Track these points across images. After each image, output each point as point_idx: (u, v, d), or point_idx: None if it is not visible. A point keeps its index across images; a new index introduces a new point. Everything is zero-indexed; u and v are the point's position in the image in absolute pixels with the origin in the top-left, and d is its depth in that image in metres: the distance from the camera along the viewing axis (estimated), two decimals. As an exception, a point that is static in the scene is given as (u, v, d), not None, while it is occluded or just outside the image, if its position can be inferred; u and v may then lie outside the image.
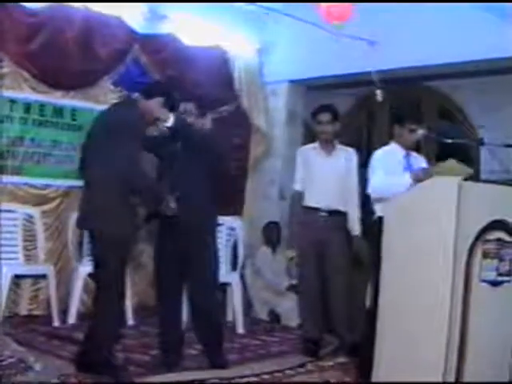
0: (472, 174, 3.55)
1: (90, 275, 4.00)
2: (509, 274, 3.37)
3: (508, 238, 3.34)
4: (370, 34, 5.57)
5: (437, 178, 3.47)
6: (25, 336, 4.55)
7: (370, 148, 5.86)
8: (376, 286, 3.60)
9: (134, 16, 5.62)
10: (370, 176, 4.02)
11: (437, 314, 3.21)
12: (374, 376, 3.49)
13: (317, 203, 4.71)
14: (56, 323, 4.98)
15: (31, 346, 4.27)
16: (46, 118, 5.29)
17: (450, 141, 3.98)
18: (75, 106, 5.43)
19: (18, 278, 5.06)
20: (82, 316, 4.94)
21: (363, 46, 5.66)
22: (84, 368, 3.70)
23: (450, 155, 3.62)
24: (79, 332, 4.25)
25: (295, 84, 6.72)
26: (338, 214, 4.72)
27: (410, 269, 3.36)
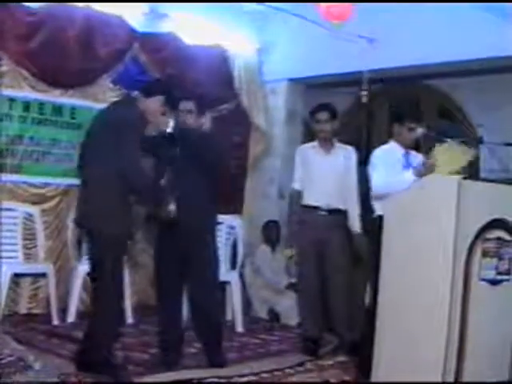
0: (474, 159, 3.57)
1: (89, 274, 4.00)
2: (508, 272, 3.38)
3: (507, 236, 3.34)
4: (369, 32, 5.56)
5: (437, 177, 3.48)
6: (24, 334, 4.55)
7: (369, 146, 5.84)
8: (375, 285, 3.61)
9: (135, 15, 5.62)
10: (370, 174, 4.02)
11: (436, 313, 3.21)
12: (373, 375, 3.49)
13: (316, 202, 4.71)
14: (55, 322, 4.98)
15: (31, 345, 4.27)
16: (46, 117, 5.29)
17: (449, 139, 3.98)
18: (74, 104, 5.43)
19: (17, 276, 5.06)
20: (82, 314, 4.93)
21: (363, 44, 5.65)
22: (84, 367, 3.70)
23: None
24: (79, 331, 4.26)
25: (295, 83, 6.72)
26: (338, 212, 4.71)
27: (410, 267, 3.37)
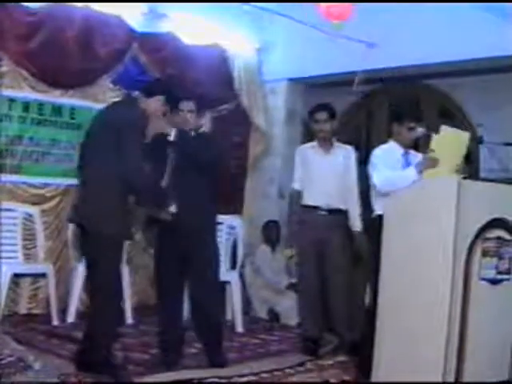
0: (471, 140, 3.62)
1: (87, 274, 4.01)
2: (508, 272, 3.38)
3: (507, 236, 3.34)
4: (369, 32, 5.56)
5: (437, 177, 3.49)
6: (24, 335, 4.55)
7: (368, 146, 5.84)
8: (375, 285, 3.61)
9: (134, 15, 5.61)
10: (370, 173, 4.01)
11: (436, 312, 3.21)
12: (373, 375, 3.49)
13: (316, 202, 4.71)
14: (55, 322, 4.97)
15: (31, 345, 4.26)
16: (45, 117, 5.28)
17: (442, 126, 3.95)
18: (74, 104, 5.42)
19: (17, 276, 5.05)
20: (82, 315, 4.93)
21: (363, 44, 5.66)
22: (83, 367, 3.70)
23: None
24: (78, 331, 4.24)
25: (294, 82, 6.72)
26: (338, 212, 4.71)
27: (410, 267, 3.37)
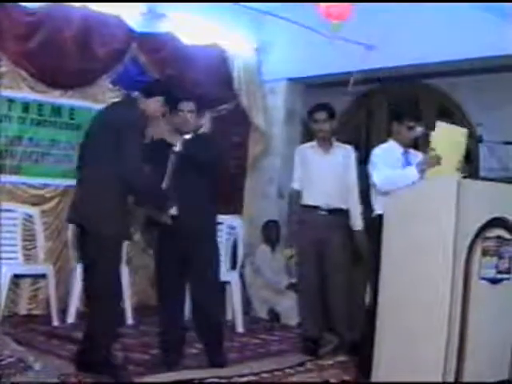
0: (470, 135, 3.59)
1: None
2: (508, 271, 3.38)
3: (507, 235, 3.34)
4: (368, 32, 5.56)
5: (437, 176, 3.49)
6: (24, 335, 4.55)
7: (368, 146, 5.84)
8: (376, 284, 3.61)
9: (133, 15, 5.61)
10: (371, 173, 4.00)
11: (436, 312, 3.21)
12: (373, 374, 3.49)
13: (316, 201, 4.70)
14: (55, 323, 4.97)
15: (31, 346, 4.26)
16: (45, 118, 5.28)
17: (438, 122, 3.95)
18: (73, 105, 5.42)
19: (17, 277, 5.05)
20: (82, 315, 4.92)
21: (362, 44, 5.66)
22: (83, 367, 3.69)
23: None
24: (79, 331, 4.24)
25: (294, 82, 6.71)
26: (338, 211, 4.70)
27: (410, 267, 3.37)
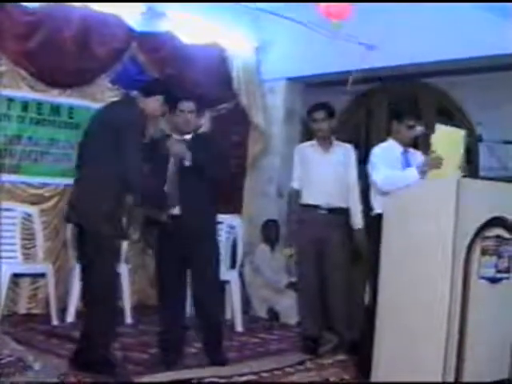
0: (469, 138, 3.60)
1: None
2: (507, 270, 3.38)
3: (507, 234, 3.33)
4: (368, 31, 5.55)
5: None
6: (24, 335, 4.54)
7: (368, 145, 5.85)
8: (375, 284, 3.61)
9: (132, 14, 5.60)
10: (370, 172, 4.00)
11: (436, 311, 3.21)
12: (373, 373, 3.49)
13: (316, 201, 4.70)
14: (55, 322, 4.97)
15: (30, 345, 4.26)
16: (44, 117, 5.28)
17: (437, 124, 3.95)
18: (72, 104, 5.42)
19: (16, 276, 5.05)
20: (81, 315, 4.92)
21: (362, 42, 5.66)
22: (79, 366, 3.69)
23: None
24: (78, 331, 4.23)
25: (293, 82, 6.71)
26: (338, 210, 4.70)
27: (409, 266, 3.37)
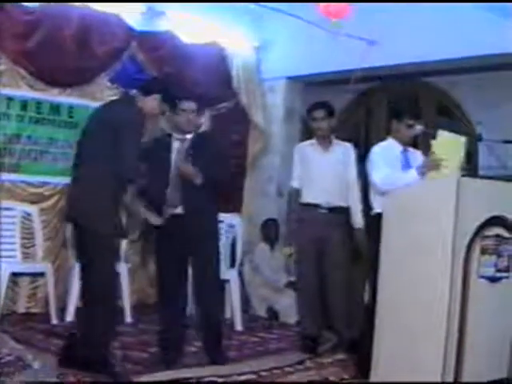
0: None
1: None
2: (507, 270, 3.38)
3: (506, 234, 3.34)
4: (368, 30, 5.55)
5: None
6: (23, 334, 4.54)
7: (367, 144, 5.84)
8: (375, 282, 3.61)
9: (132, 13, 5.60)
10: (370, 171, 3.99)
11: (435, 310, 3.21)
12: (372, 372, 3.49)
13: (316, 199, 4.70)
14: (54, 321, 4.97)
15: (29, 344, 4.26)
16: (43, 116, 5.28)
17: (438, 130, 3.94)
18: (72, 103, 5.42)
19: (15, 275, 5.05)
20: (77, 312, 4.92)
21: (361, 42, 5.65)
22: (81, 366, 3.68)
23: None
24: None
25: (293, 81, 6.71)
26: (338, 209, 4.70)
27: (409, 265, 3.37)
